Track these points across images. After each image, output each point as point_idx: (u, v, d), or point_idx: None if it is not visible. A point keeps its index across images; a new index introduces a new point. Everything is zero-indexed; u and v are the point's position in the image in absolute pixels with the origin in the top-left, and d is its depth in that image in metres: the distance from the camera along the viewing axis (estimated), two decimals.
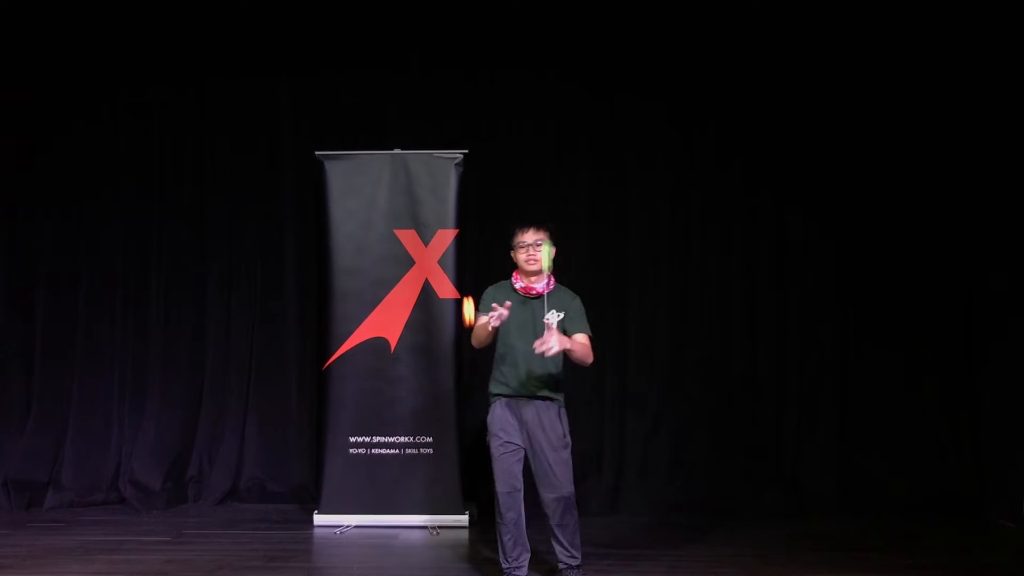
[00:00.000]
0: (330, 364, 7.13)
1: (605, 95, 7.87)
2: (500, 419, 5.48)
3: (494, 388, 5.55)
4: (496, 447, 5.47)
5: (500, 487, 5.44)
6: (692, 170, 7.89)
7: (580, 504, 7.57)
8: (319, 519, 7.13)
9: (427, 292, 7.05)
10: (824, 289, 7.78)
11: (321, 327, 7.29)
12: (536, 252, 5.46)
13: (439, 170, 7.14)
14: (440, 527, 7.05)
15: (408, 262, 7.10)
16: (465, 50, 7.87)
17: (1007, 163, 7.44)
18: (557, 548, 5.62)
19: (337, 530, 6.99)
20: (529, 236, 5.50)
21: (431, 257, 7.11)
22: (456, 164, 7.14)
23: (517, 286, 5.53)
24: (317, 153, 7.23)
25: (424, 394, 7.06)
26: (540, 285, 5.47)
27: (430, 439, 7.07)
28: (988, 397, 7.54)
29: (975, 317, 7.64)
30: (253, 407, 7.90)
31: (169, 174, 7.98)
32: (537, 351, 5.17)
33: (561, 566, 5.63)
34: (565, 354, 5.41)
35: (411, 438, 7.07)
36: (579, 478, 7.71)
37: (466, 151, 7.20)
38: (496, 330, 5.36)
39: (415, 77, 7.91)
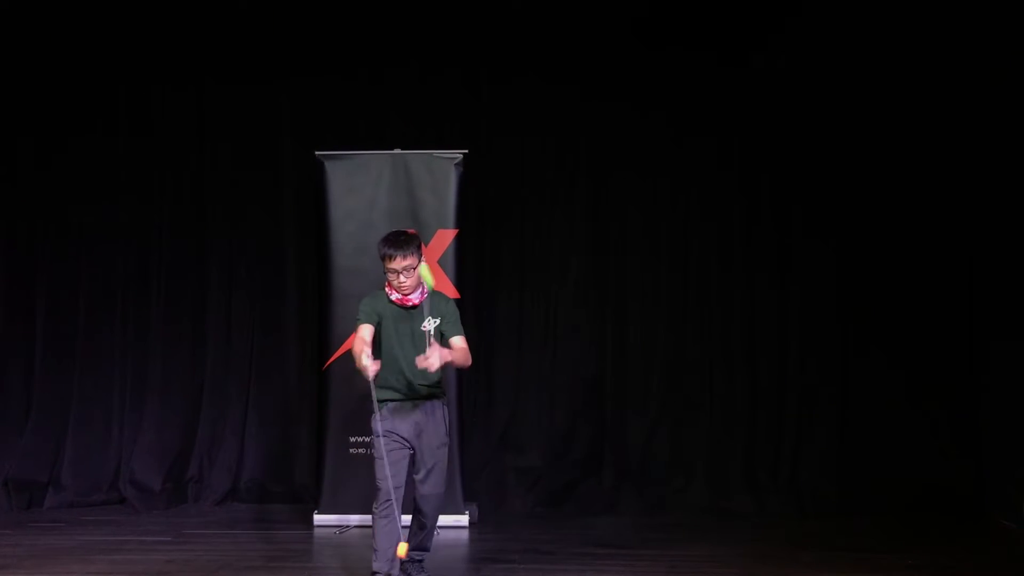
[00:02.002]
0: (330, 364, 7.13)
1: (605, 96, 7.86)
2: (390, 422, 5.46)
3: (381, 395, 5.46)
4: (386, 445, 5.43)
5: (384, 483, 5.40)
6: (691, 171, 7.89)
7: (580, 504, 7.69)
8: (319, 519, 7.13)
9: None
10: (824, 288, 7.78)
11: (321, 327, 7.29)
12: (405, 280, 5.37)
13: (439, 170, 7.14)
14: (440, 527, 7.02)
15: None
16: (465, 51, 7.87)
17: (1008, 167, 7.43)
18: (414, 542, 5.65)
19: (337, 530, 6.99)
20: (397, 263, 5.34)
21: (431, 257, 7.09)
22: (456, 164, 7.14)
23: (393, 298, 5.46)
24: (317, 153, 7.23)
25: None
26: (415, 296, 5.45)
27: None
28: (988, 397, 7.54)
29: (976, 316, 7.64)
30: (253, 407, 7.90)
31: (169, 174, 7.98)
32: (420, 366, 5.21)
33: (409, 556, 5.64)
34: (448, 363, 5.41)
35: None
36: (579, 478, 7.81)
37: (466, 151, 7.20)
38: (375, 342, 5.42)
39: (415, 78, 7.91)
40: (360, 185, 7.16)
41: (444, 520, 7.04)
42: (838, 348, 7.77)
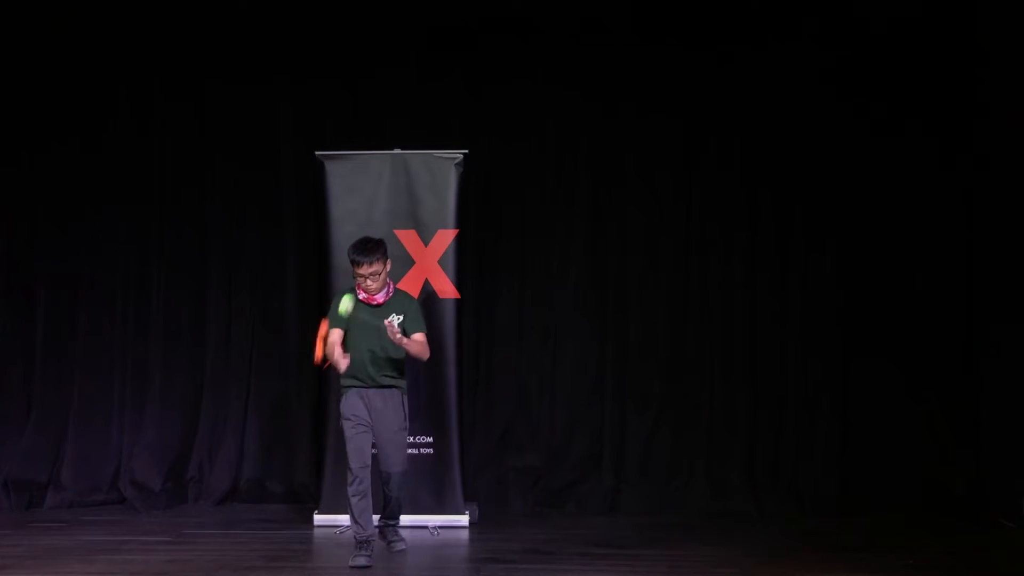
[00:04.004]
0: (330, 364, 7.11)
1: (605, 96, 7.86)
2: (353, 405, 6.20)
3: (346, 382, 6.24)
4: (349, 428, 6.18)
5: (354, 463, 6.12)
6: (692, 171, 7.89)
7: (580, 504, 7.70)
8: (319, 519, 7.13)
9: (427, 292, 7.05)
10: (825, 290, 7.78)
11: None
12: (372, 283, 6.14)
13: (439, 170, 7.14)
14: (440, 527, 7.04)
15: (408, 262, 7.10)
16: (466, 51, 7.87)
17: (1007, 167, 7.43)
18: (385, 513, 6.44)
19: (337, 530, 6.99)
20: (364, 270, 6.11)
21: (431, 257, 7.11)
22: (456, 164, 7.14)
23: (360, 296, 6.19)
24: (317, 153, 7.23)
25: (424, 394, 7.06)
26: (380, 295, 6.22)
27: (430, 439, 7.07)
28: (987, 397, 7.54)
29: (975, 317, 7.64)
30: (253, 407, 7.90)
31: (169, 174, 7.97)
32: (385, 324, 5.92)
33: (383, 524, 6.45)
34: (405, 349, 6.15)
35: (411, 438, 7.04)
36: (579, 478, 7.81)
37: (466, 151, 7.20)
38: (343, 337, 6.15)
39: (415, 78, 7.91)
40: (360, 185, 7.16)
41: (444, 520, 7.07)
42: (838, 348, 7.77)
